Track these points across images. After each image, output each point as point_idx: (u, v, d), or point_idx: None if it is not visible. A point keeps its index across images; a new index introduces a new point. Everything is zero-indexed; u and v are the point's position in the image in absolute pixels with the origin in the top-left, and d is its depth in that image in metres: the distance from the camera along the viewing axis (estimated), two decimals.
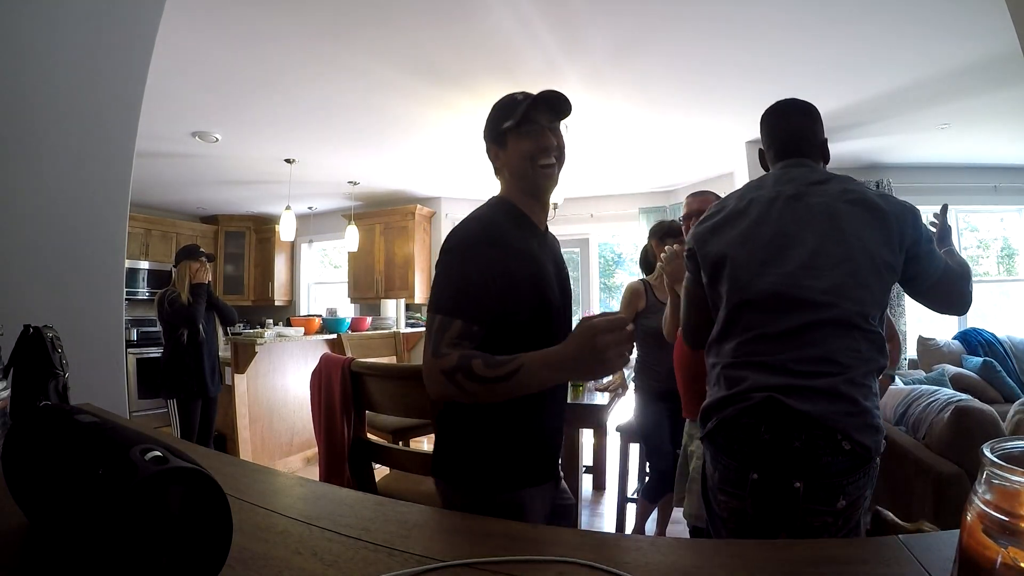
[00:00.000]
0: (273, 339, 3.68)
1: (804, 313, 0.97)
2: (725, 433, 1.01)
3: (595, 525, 2.78)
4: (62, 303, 1.35)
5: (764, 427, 0.96)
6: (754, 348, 1.01)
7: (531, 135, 0.98)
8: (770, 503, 0.96)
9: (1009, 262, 4.67)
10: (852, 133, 3.68)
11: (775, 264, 1.02)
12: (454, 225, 1.00)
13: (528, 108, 0.97)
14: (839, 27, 2.33)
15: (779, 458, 0.95)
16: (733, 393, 1.00)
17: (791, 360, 0.96)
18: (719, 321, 1.09)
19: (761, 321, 1.01)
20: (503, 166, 1.03)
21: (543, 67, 2.69)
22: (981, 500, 0.34)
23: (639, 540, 0.76)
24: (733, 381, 1.02)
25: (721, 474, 1.02)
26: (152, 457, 0.41)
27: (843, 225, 1.01)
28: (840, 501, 0.93)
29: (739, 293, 1.04)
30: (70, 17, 1.38)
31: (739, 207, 1.12)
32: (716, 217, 1.15)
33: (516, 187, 1.02)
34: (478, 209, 1.02)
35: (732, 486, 1.00)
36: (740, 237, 1.08)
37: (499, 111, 1.02)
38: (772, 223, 1.05)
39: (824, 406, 0.93)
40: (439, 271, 0.94)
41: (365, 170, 4.57)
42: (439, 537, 0.61)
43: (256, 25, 2.28)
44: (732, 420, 1.00)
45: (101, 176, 1.48)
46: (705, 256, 1.13)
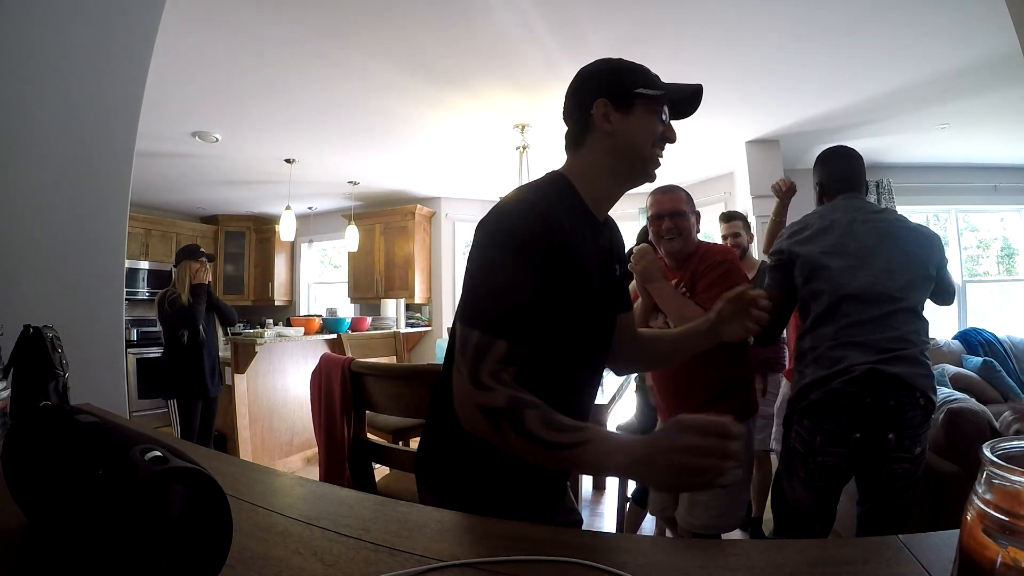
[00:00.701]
0: (273, 339, 3.68)
1: (886, 304, 1.34)
2: (831, 402, 1.32)
3: (595, 525, 2.78)
4: (62, 303, 1.35)
5: (866, 393, 1.28)
6: (851, 331, 1.33)
7: (663, 117, 0.85)
8: (866, 456, 1.31)
9: (1009, 262, 4.67)
10: (852, 133, 3.68)
11: (863, 268, 1.37)
12: (500, 205, 0.79)
13: (673, 89, 0.86)
14: (839, 27, 2.33)
15: (877, 417, 1.28)
16: (836, 371, 1.31)
17: (882, 339, 1.31)
18: (815, 313, 1.41)
19: (857, 310, 1.34)
20: (614, 132, 0.83)
21: (543, 67, 2.69)
22: (981, 500, 0.33)
23: (639, 540, 0.76)
24: (833, 361, 1.33)
25: (824, 437, 1.33)
26: (152, 457, 0.41)
27: (904, 244, 1.41)
28: (917, 448, 1.30)
29: (840, 289, 1.37)
30: (70, 17, 1.38)
31: (823, 226, 1.47)
32: (803, 233, 1.49)
33: (611, 162, 0.84)
34: (532, 186, 0.82)
35: (835, 446, 1.32)
36: (831, 248, 1.42)
37: (632, 71, 0.86)
38: (855, 239, 1.41)
39: (910, 370, 1.29)
40: (479, 268, 0.76)
41: (365, 170, 4.57)
42: (439, 537, 0.61)
43: (256, 25, 2.28)
44: (839, 391, 1.30)
45: (101, 176, 1.48)
46: (804, 262, 1.44)
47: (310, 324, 4.20)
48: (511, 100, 3.10)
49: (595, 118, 0.84)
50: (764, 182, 3.82)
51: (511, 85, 2.91)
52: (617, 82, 0.84)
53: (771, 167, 3.82)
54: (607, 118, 0.83)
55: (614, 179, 0.86)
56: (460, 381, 0.72)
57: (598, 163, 0.84)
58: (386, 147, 3.95)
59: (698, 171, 4.64)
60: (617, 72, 0.85)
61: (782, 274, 1.49)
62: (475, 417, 0.70)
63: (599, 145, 0.84)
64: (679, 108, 0.88)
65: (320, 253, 6.74)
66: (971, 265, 4.67)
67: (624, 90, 0.83)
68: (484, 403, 0.69)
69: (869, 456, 1.31)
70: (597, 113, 0.83)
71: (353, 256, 5.44)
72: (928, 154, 4.12)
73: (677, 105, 0.87)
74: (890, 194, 4.28)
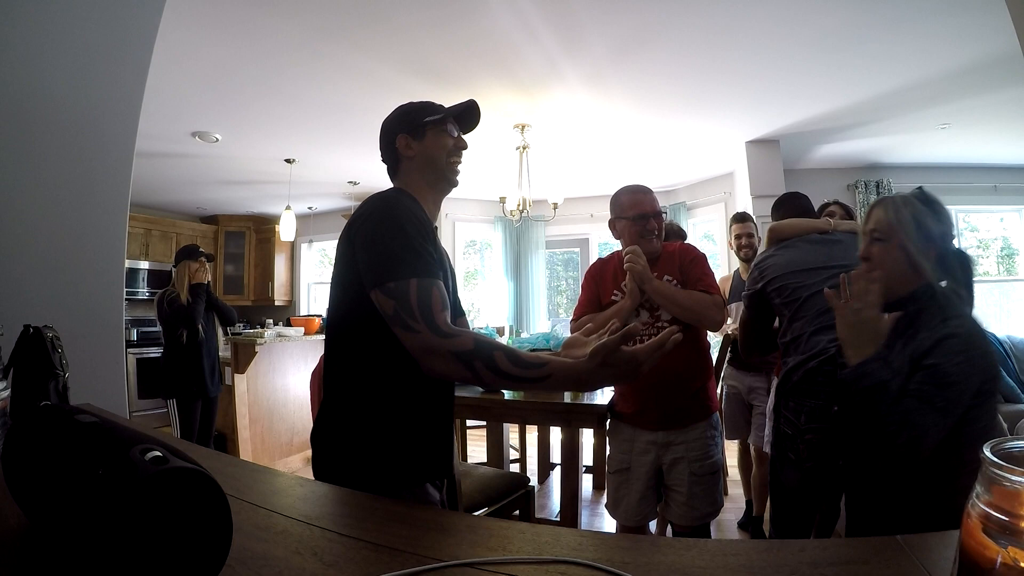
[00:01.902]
0: (273, 339, 3.68)
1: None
2: (810, 380, 1.43)
3: (595, 525, 2.78)
4: (62, 303, 1.35)
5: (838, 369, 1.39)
6: (822, 318, 1.45)
7: (450, 134, 1.05)
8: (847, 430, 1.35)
9: (1009, 262, 4.67)
10: (852, 133, 3.68)
11: (826, 269, 1.54)
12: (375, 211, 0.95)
13: (451, 110, 1.05)
14: (839, 27, 2.33)
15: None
16: (812, 353, 1.43)
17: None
18: (791, 312, 1.56)
19: (824, 300, 1.43)
20: (415, 155, 1.03)
21: (543, 67, 2.69)
22: (981, 500, 0.34)
23: (639, 540, 0.76)
24: (811, 345, 1.45)
25: (808, 415, 1.42)
26: (152, 457, 0.41)
27: (853, 246, 1.49)
28: None
29: (810, 288, 1.53)
30: (70, 17, 1.38)
31: (783, 249, 1.66)
32: (769, 260, 1.66)
33: (421, 179, 1.04)
34: (382, 193, 0.98)
35: (818, 421, 1.40)
36: (796, 260, 1.61)
37: (419, 107, 1.07)
38: (814, 251, 1.61)
39: None
40: (374, 239, 0.87)
41: (365, 170, 4.57)
42: (439, 537, 0.61)
43: (257, 25, 2.28)
44: (815, 369, 1.42)
45: (101, 176, 1.48)
46: (775, 278, 1.61)
47: (310, 324, 4.20)
48: (511, 100, 3.10)
49: (400, 147, 1.05)
50: (764, 182, 3.82)
51: (511, 85, 2.91)
52: (408, 120, 1.05)
53: (771, 167, 3.82)
54: (408, 146, 1.04)
55: (428, 189, 1.05)
56: (423, 336, 0.82)
57: (415, 182, 1.05)
58: None
59: (698, 171, 4.64)
60: (408, 112, 1.06)
61: (759, 299, 1.65)
62: (448, 364, 0.81)
63: (411, 167, 1.05)
64: (464, 121, 1.09)
65: (320, 253, 6.74)
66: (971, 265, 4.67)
67: (415, 122, 1.04)
68: (455, 349, 0.81)
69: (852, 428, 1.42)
70: (400, 144, 1.05)
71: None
72: (928, 154, 4.12)
73: (461, 119, 1.08)
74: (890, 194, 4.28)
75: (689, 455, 1.58)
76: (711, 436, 1.62)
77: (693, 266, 1.63)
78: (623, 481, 1.67)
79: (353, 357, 0.93)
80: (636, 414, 1.66)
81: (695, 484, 1.58)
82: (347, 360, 0.94)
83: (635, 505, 1.65)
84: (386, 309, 0.84)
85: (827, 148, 4.02)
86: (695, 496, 1.58)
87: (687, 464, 1.58)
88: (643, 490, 1.64)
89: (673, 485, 1.61)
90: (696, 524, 1.58)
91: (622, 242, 1.72)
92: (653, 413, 1.61)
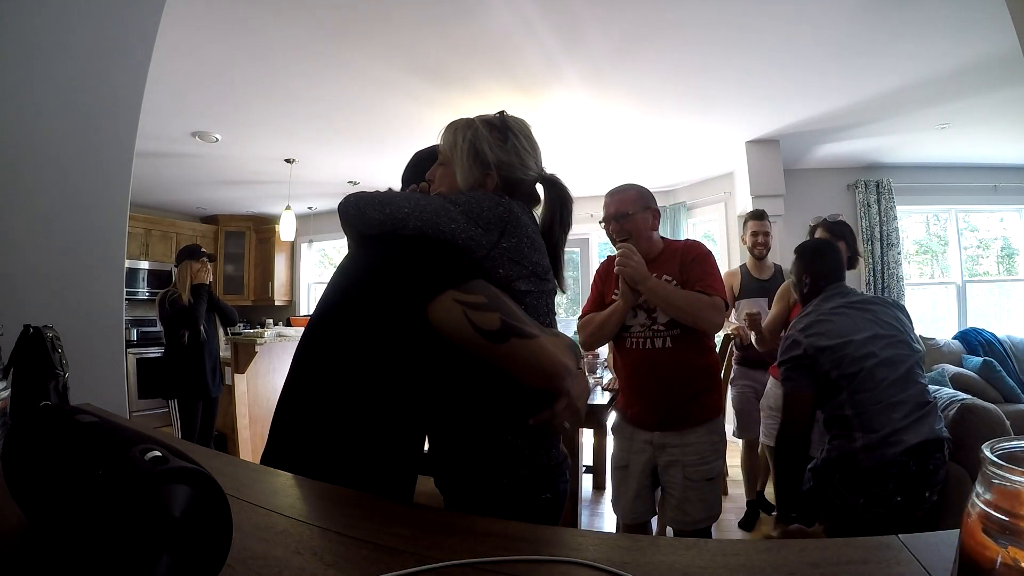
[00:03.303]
0: (273, 339, 3.68)
1: (906, 361, 1.59)
2: (881, 471, 1.46)
3: (595, 525, 2.78)
4: (62, 303, 1.35)
5: (912, 462, 1.47)
6: (890, 392, 1.52)
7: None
8: (900, 514, 1.45)
9: (1009, 262, 4.66)
10: (852, 133, 3.68)
11: (880, 338, 1.57)
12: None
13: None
14: (839, 27, 2.33)
15: (919, 481, 1.47)
16: (885, 436, 1.46)
17: (915, 393, 1.53)
18: (851, 386, 1.54)
19: (888, 372, 1.55)
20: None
21: (543, 67, 2.69)
22: (981, 500, 0.33)
23: (639, 540, 0.76)
24: (881, 423, 1.47)
25: (867, 500, 1.45)
26: (152, 457, 0.41)
27: (890, 313, 1.65)
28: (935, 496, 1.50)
29: (869, 358, 1.54)
30: (70, 17, 1.38)
31: (830, 316, 1.63)
32: (815, 328, 1.63)
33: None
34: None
35: (877, 507, 1.45)
36: (847, 329, 1.59)
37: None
38: (861, 317, 1.61)
39: (939, 425, 1.53)
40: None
41: (365, 170, 4.57)
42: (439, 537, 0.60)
43: (257, 25, 2.28)
44: (891, 461, 1.46)
45: (101, 176, 1.48)
46: (829, 350, 1.58)
47: None
48: (511, 100, 3.10)
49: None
50: (764, 182, 3.82)
51: (511, 85, 2.91)
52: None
53: (771, 167, 3.82)
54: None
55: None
56: (540, 342, 0.76)
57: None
58: (386, 147, 3.95)
59: (698, 171, 4.64)
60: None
61: (807, 371, 1.58)
62: (567, 358, 0.79)
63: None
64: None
65: (320, 253, 6.74)
66: (971, 265, 4.67)
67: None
68: (571, 344, 0.83)
69: (903, 513, 1.44)
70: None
71: None
72: (928, 154, 4.12)
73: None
74: (890, 194, 4.28)
75: (685, 459, 1.56)
76: (711, 443, 1.58)
77: (694, 265, 1.57)
78: (623, 478, 1.69)
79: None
80: (636, 413, 1.66)
81: (689, 489, 1.55)
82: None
83: (631, 503, 1.66)
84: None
85: (827, 148, 4.02)
86: (688, 501, 1.56)
87: (682, 468, 1.56)
88: (639, 488, 1.65)
89: (667, 487, 1.61)
90: (689, 529, 1.56)
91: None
92: (652, 415, 1.61)
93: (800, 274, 1.79)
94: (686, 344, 1.56)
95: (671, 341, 1.55)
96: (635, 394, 1.65)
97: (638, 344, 1.60)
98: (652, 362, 1.58)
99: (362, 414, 0.80)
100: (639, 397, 1.64)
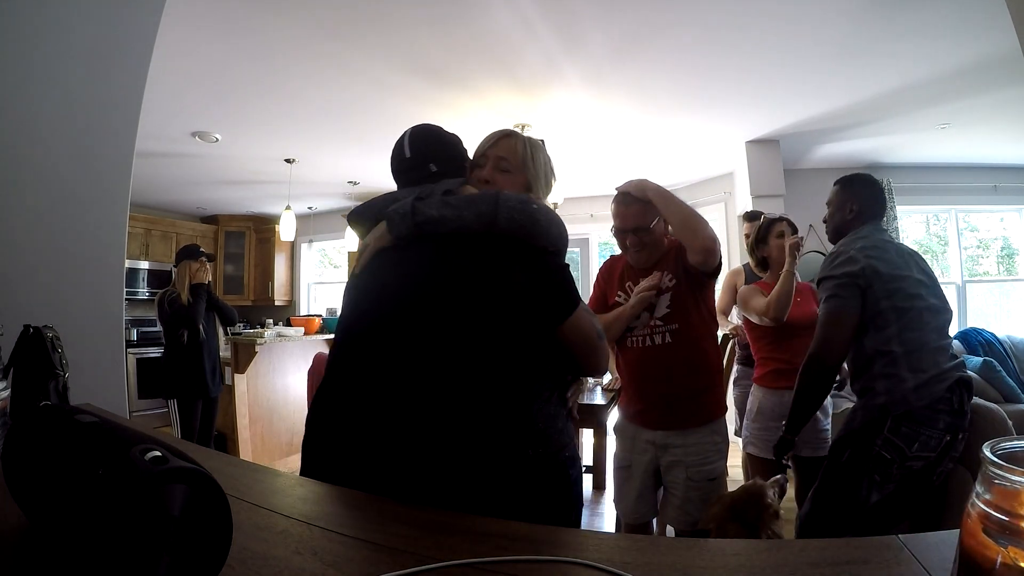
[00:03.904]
0: (273, 339, 3.68)
1: (944, 312, 1.55)
2: (931, 408, 1.43)
3: (595, 525, 2.78)
4: (62, 303, 1.35)
5: (955, 398, 1.45)
6: (938, 336, 1.51)
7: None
8: (939, 459, 1.44)
9: (1009, 262, 4.67)
10: (852, 133, 3.68)
11: (924, 283, 1.54)
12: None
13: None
14: (839, 27, 2.33)
15: (960, 419, 1.46)
16: (935, 375, 1.43)
17: (949, 343, 1.53)
18: (900, 321, 1.49)
19: (933, 317, 1.51)
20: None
21: (543, 67, 2.69)
22: (981, 500, 0.33)
23: (639, 540, 0.76)
24: (931, 364, 1.44)
25: (920, 443, 1.41)
26: (152, 457, 0.41)
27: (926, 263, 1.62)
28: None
29: (921, 299, 1.51)
30: (70, 17, 1.38)
31: (882, 244, 1.57)
32: (875, 251, 1.55)
33: None
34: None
35: (927, 450, 1.41)
36: (901, 264, 1.54)
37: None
38: (911, 257, 1.59)
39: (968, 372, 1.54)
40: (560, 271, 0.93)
41: (365, 170, 4.57)
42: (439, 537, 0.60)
43: (257, 25, 2.28)
44: (941, 397, 1.43)
45: (101, 176, 1.48)
46: (888, 276, 1.51)
47: (310, 324, 4.20)
48: (511, 100, 3.10)
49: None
50: (764, 182, 3.82)
51: (511, 85, 2.90)
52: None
53: (771, 167, 3.82)
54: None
55: None
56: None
57: None
58: (386, 147, 3.90)
59: (698, 171, 4.64)
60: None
61: (859, 292, 1.48)
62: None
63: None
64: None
65: (320, 253, 6.74)
66: (971, 265, 4.67)
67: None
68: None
69: (940, 459, 1.42)
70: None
71: (353, 256, 5.44)
72: (928, 154, 4.12)
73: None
74: (890, 194, 4.27)
75: (687, 460, 1.56)
76: (714, 443, 1.57)
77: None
78: (625, 478, 1.69)
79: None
80: (638, 413, 1.65)
81: (691, 490, 1.55)
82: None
83: (633, 502, 1.66)
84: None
85: (827, 148, 4.02)
86: (690, 501, 1.55)
87: (684, 469, 1.56)
88: (641, 488, 1.64)
89: (669, 487, 1.61)
90: (690, 529, 1.56)
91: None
92: (653, 412, 1.61)
93: (845, 201, 1.67)
94: (685, 340, 1.57)
95: (670, 336, 1.57)
96: (637, 392, 1.65)
97: (639, 342, 1.61)
98: (653, 358, 1.59)
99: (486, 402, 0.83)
100: (641, 395, 1.64)
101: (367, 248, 0.96)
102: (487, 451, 0.81)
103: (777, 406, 1.98)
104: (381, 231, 0.94)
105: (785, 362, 1.99)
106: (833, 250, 1.64)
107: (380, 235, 0.94)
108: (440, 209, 0.89)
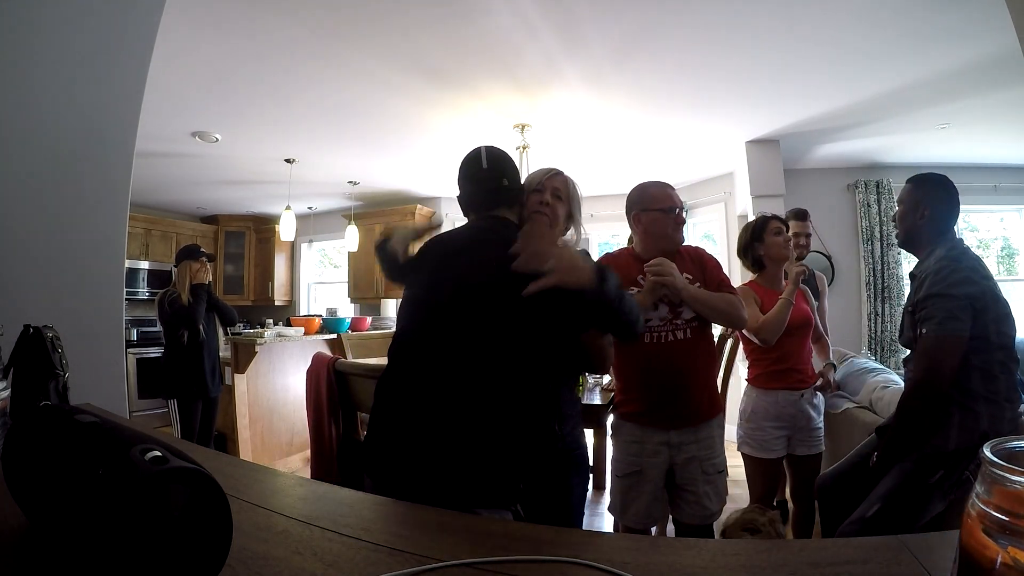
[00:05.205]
0: (273, 339, 3.68)
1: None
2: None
3: (595, 525, 2.78)
4: (62, 303, 1.34)
5: None
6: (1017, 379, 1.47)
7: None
8: None
9: (1009, 262, 4.66)
10: (852, 133, 3.68)
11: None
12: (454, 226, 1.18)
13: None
14: (839, 27, 2.33)
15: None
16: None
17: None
18: (996, 359, 1.43)
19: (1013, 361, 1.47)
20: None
21: (543, 67, 2.69)
22: (981, 500, 0.33)
23: (639, 540, 0.76)
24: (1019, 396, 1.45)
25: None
26: (152, 457, 0.41)
27: None
28: None
29: (1014, 341, 1.45)
30: (70, 17, 1.38)
31: (981, 266, 1.50)
32: (985, 271, 1.48)
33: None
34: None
35: None
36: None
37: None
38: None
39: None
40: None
41: (365, 170, 4.57)
42: (439, 537, 0.61)
43: (257, 25, 2.28)
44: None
45: (101, 176, 1.48)
46: (1002, 307, 1.45)
47: (310, 324, 4.20)
48: (511, 100, 3.10)
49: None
50: (764, 182, 3.82)
51: (511, 85, 2.91)
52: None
53: (771, 167, 3.82)
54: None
55: None
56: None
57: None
58: (386, 147, 3.95)
59: (698, 171, 4.64)
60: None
61: (973, 316, 1.39)
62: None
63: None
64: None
65: (320, 253, 6.74)
66: None
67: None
68: None
69: None
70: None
71: (353, 256, 5.44)
72: (928, 154, 4.12)
73: None
74: (890, 194, 4.28)
75: (701, 454, 1.57)
76: (719, 435, 1.63)
77: (716, 271, 1.67)
78: (633, 484, 1.61)
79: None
80: (643, 413, 1.61)
81: (706, 483, 1.57)
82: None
83: (645, 508, 1.60)
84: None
85: (827, 148, 4.02)
86: (706, 495, 1.57)
87: (699, 463, 1.57)
88: (655, 492, 1.61)
89: (684, 484, 1.59)
90: (707, 523, 1.59)
91: (641, 236, 1.70)
92: (664, 412, 1.58)
93: (918, 203, 1.54)
94: (702, 334, 1.63)
95: (691, 332, 1.59)
96: (644, 392, 1.62)
97: (657, 338, 1.59)
98: (671, 354, 1.57)
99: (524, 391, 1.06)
100: (649, 395, 1.61)
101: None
102: (528, 438, 1.04)
103: (771, 407, 2.00)
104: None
105: (776, 361, 2.01)
106: (938, 264, 1.48)
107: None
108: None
